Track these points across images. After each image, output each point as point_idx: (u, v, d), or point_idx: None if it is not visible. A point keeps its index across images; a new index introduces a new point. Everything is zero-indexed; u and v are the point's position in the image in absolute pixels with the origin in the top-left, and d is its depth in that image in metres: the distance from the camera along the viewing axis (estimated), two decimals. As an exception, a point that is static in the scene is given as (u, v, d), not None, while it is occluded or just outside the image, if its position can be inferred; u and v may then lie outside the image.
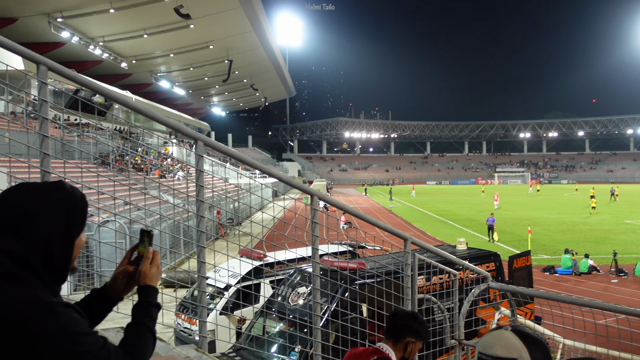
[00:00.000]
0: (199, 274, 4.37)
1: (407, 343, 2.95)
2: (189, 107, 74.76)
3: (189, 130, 4.47)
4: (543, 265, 20.87)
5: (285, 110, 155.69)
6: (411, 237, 5.45)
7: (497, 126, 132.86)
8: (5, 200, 1.45)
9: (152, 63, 51.41)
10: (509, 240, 26.76)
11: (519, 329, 1.63)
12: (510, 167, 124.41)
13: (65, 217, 1.48)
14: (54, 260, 1.46)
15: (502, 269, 11.36)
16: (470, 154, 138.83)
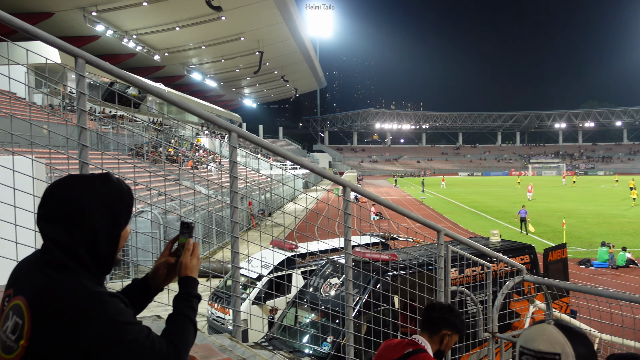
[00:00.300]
0: (233, 264, 4.41)
1: (443, 335, 2.93)
2: (220, 99, 75.38)
3: (222, 122, 4.51)
4: (578, 258, 20.47)
5: (316, 101, 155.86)
6: (444, 229, 5.41)
7: (531, 116, 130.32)
8: (55, 192, 1.48)
9: (184, 55, 51.92)
10: (543, 232, 26.30)
11: (562, 323, 1.59)
12: (544, 158, 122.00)
13: (112, 209, 1.51)
14: (101, 251, 1.49)
15: (537, 261, 11.18)
16: (503, 145, 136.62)
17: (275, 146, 4.99)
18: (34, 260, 1.50)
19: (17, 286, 1.47)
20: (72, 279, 1.41)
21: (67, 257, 1.43)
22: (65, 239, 1.43)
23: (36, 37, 3.44)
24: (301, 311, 8.36)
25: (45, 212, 1.47)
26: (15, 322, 1.38)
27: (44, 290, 1.38)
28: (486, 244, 10.40)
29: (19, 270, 1.54)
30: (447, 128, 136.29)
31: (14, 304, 1.42)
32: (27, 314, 1.36)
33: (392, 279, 6.81)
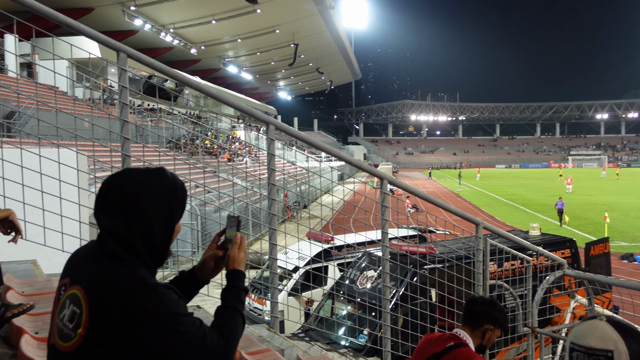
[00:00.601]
0: (270, 256, 4.45)
1: (485, 330, 2.89)
2: (255, 91, 75.88)
3: (260, 114, 4.53)
4: (621, 252, 19.94)
5: (351, 93, 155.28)
6: (483, 222, 5.33)
7: (571, 107, 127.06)
8: (113, 185, 1.51)
9: (220, 48, 52.40)
10: (584, 226, 25.70)
11: (614, 319, 1.54)
12: (585, 150, 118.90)
13: (167, 203, 1.53)
14: (156, 244, 1.52)
15: (578, 255, 10.94)
16: (542, 137, 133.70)
17: (312, 138, 5.00)
18: (90, 250, 1.53)
19: (73, 275, 1.50)
20: (129, 270, 1.44)
21: (124, 249, 1.46)
22: (122, 231, 1.46)
23: (80, 32, 3.51)
24: (337, 303, 8.38)
25: (104, 204, 1.49)
26: (72, 311, 1.41)
27: (102, 281, 1.41)
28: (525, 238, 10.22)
29: (75, 260, 1.57)
30: (484, 120, 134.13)
31: (70, 292, 1.45)
32: (84, 304, 1.39)
33: (429, 272, 6.77)
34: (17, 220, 2.98)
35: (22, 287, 3.59)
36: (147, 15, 38.60)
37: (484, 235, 5.40)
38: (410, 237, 12.06)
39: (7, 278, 3.42)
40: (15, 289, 3.41)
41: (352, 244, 10.88)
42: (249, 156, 35.54)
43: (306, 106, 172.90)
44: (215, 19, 41.06)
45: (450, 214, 5.46)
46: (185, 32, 44.24)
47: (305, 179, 31.67)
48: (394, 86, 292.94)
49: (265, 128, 4.44)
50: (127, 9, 36.01)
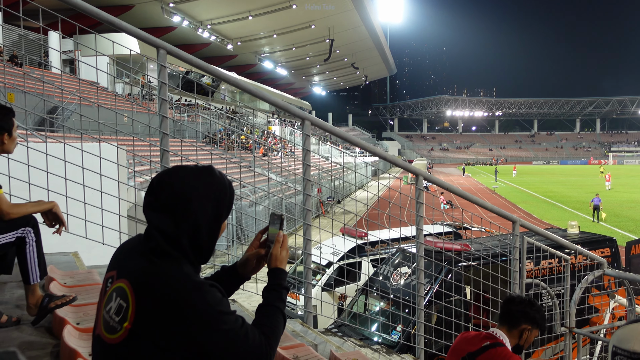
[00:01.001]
0: (304, 251, 4.47)
1: (522, 330, 2.85)
2: (290, 86, 76.16)
3: (296, 110, 4.56)
4: (664, 252, 19.35)
5: (386, 88, 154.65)
6: (520, 219, 5.26)
7: (613, 102, 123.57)
8: (163, 182, 1.53)
9: (256, 44, 52.74)
10: (624, 225, 25.03)
11: None
12: (627, 146, 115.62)
13: (215, 202, 1.55)
14: (202, 242, 1.54)
15: (618, 255, 10.67)
16: (582, 132, 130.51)
17: (347, 133, 5.00)
18: (137, 245, 1.56)
19: (120, 269, 1.53)
20: (175, 267, 1.46)
21: (170, 246, 1.49)
22: (170, 228, 1.49)
23: (121, 30, 3.59)
24: (371, 299, 8.37)
25: (153, 200, 1.52)
26: (119, 304, 1.45)
27: (149, 276, 1.44)
28: (563, 236, 10.02)
29: (121, 253, 1.61)
30: (522, 115, 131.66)
31: (117, 286, 1.48)
32: (131, 298, 1.42)
33: (464, 269, 6.70)
34: (61, 213, 3.08)
35: (65, 278, 3.69)
36: (185, 12, 39.11)
37: (521, 233, 5.32)
38: (445, 233, 11.96)
39: (51, 269, 3.53)
40: (58, 280, 3.51)
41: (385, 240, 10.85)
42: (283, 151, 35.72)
43: (341, 101, 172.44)
44: (252, 15, 41.34)
45: (486, 211, 5.39)
46: (222, 28, 44.68)
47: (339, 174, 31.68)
48: (430, 81, 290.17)
49: (300, 123, 4.46)
50: (165, 5, 36.56)
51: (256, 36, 49.39)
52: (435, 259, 6.47)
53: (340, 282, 10.21)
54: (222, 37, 46.30)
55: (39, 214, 3.04)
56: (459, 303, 5.28)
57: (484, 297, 5.81)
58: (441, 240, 7.44)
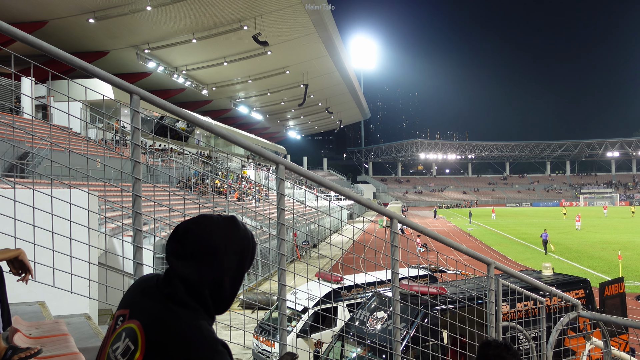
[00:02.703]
0: (279, 297, 4.40)
1: (498, 375, 2.82)
2: (265, 131, 76.60)
3: (270, 154, 4.55)
4: (636, 292, 19.57)
5: (360, 132, 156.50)
6: (494, 262, 5.27)
7: (581, 145, 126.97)
8: (190, 230, 1.50)
9: (231, 89, 53.21)
10: (597, 266, 25.32)
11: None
12: (596, 188, 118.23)
13: (239, 254, 1.54)
14: (223, 293, 1.51)
15: (592, 296, 10.77)
16: (552, 175, 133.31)
17: (321, 177, 5.00)
18: (152, 287, 1.53)
19: (133, 308, 1.50)
20: (191, 318, 1.43)
21: (190, 296, 1.46)
22: (194, 277, 1.46)
23: (94, 75, 3.59)
24: (347, 345, 8.24)
25: (178, 248, 1.49)
26: (127, 346, 1.41)
27: (163, 323, 1.41)
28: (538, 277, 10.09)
29: (136, 292, 1.57)
30: (494, 158, 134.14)
31: (128, 326, 1.45)
32: (141, 341, 1.39)
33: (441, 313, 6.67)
34: (28, 261, 2.99)
35: (30, 329, 3.57)
36: (160, 58, 39.44)
37: (496, 275, 5.33)
38: (421, 277, 11.94)
39: (15, 320, 3.41)
40: (23, 331, 3.38)
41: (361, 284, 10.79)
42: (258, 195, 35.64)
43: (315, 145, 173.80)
44: (227, 61, 41.84)
45: (461, 254, 5.41)
46: (197, 74, 45.06)
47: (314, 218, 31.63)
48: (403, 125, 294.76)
49: (275, 167, 4.46)
50: (141, 52, 36.85)
51: (231, 81, 49.88)
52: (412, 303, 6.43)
53: (316, 328, 10.05)
54: (197, 82, 46.66)
55: (4, 262, 2.95)
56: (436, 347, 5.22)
57: (460, 340, 5.77)
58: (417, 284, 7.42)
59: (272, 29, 36.64)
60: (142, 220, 3.58)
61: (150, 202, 4.55)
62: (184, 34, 35.72)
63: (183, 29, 35.16)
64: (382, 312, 7.80)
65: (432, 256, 22.80)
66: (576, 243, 35.83)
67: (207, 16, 34.27)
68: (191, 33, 35.56)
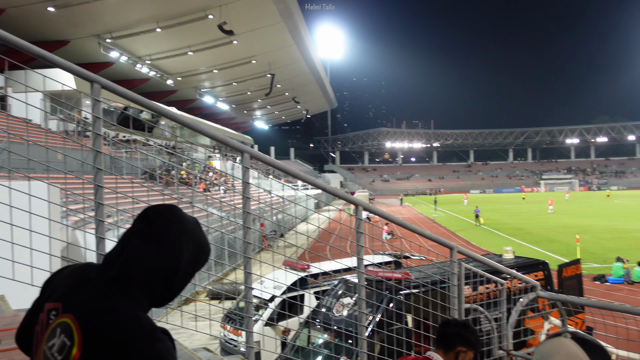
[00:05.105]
0: (246, 285, 4.43)
1: (458, 352, 2.91)
2: (232, 121, 75.98)
3: (235, 143, 4.56)
4: (593, 274, 20.24)
5: (327, 122, 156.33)
6: (457, 246, 5.39)
7: (542, 132, 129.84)
8: (162, 213, 1.51)
9: (196, 79, 52.54)
10: (557, 249, 26.05)
11: (579, 335, 1.58)
12: (557, 174, 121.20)
13: (199, 250, 1.54)
14: (173, 284, 1.49)
15: (550, 277, 11.10)
16: (514, 162, 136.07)
17: (287, 166, 5.03)
18: (89, 275, 1.48)
19: (67, 301, 1.43)
20: (129, 306, 1.39)
21: (137, 281, 1.43)
22: (151, 259, 1.44)
23: (54, 64, 3.53)
24: (314, 331, 8.33)
25: (145, 227, 1.47)
26: (62, 342, 1.35)
27: (99, 314, 1.36)
28: (499, 261, 10.33)
29: (67, 282, 1.51)
30: (458, 146, 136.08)
31: (62, 321, 1.39)
32: (77, 337, 1.33)
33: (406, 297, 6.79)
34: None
35: (-11, 322, 3.53)
36: (123, 48, 38.65)
37: (459, 260, 5.46)
38: (386, 263, 12.10)
39: (-25, 313, 3.37)
40: (-18, 324, 3.35)
41: (328, 271, 10.89)
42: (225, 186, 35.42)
43: (283, 135, 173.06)
44: (192, 51, 41.24)
45: (426, 240, 5.51)
46: (162, 64, 44.33)
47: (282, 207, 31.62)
48: (370, 114, 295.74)
49: (240, 156, 4.47)
50: (103, 41, 36.03)
51: (196, 71, 49.23)
52: (377, 288, 6.54)
53: (284, 316, 10.12)
54: (161, 72, 45.91)
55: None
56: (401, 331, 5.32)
57: (425, 324, 5.90)
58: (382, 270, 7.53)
59: (238, 18, 36.25)
60: (104, 212, 3.55)
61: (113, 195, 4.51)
62: (147, 22, 35.04)
63: (147, 17, 34.50)
64: (349, 298, 7.90)
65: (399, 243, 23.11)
66: (537, 227, 36.78)
67: (172, 5, 33.68)
68: (155, 22, 34.91)
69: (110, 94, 3.88)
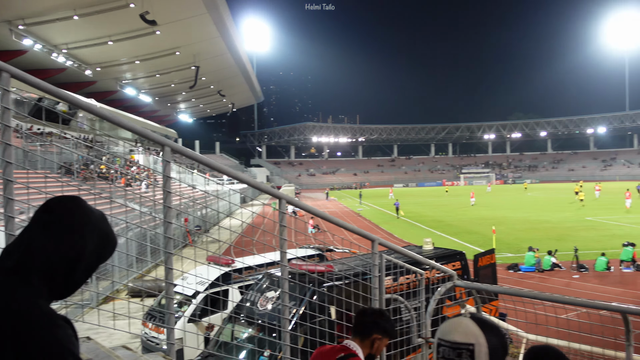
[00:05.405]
0: (166, 281, 4.36)
1: (373, 340, 3.01)
2: (155, 114, 73.92)
3: (155, 136, 4.47)
4: (507, 263, 21.32)
5: (253, 115, 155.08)
6: (378, 238, 5.54)
7: (462, 128, 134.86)
8: (64, 203, 1.48)
9: (117, 70, 50.67)
10: (475, 240, 27.21)
11: (476, 316, 1.72)
12: (475, 168, 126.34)
13: (104, 242, 1.51)
14: (75, 275, 1.46)
15: (467, 267, 11.59)
16: (436, 156, 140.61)
17: (211, 160, 4.98)
18: None
19: None
20: (30, 295, 1.36)
21: (38, 271, 1.40)
22: (53, 249, 1.41)
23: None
24: (238, 326, 8.30)
25: (46, 217, 1.45)
26: None
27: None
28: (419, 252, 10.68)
29: None
30: (383, 141, 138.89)
31: None
32: None
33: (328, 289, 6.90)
34: None
35: None
36: (38, 35, 36.65)
37: (380, 252, 5.61)
38: (311, 256, 12.22)
39: None
40: None
41: (252, 265, 10.87)
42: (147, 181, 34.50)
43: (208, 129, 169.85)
44: (112, 40, 39.66)
45: (350, 233, 5.63)
46: (80, 53, 42.39)
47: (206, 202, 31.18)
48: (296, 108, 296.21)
49: (160, 150, 4.39)
50: (15, 27, 33.98)
51: (117, 62, 47.45)
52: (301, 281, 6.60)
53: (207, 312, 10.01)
54: (79, 62, 43.91)
55: None
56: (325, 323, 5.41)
57: (347, 315, 6.02)
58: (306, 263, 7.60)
59: (161, 8, 35.24)
60: (14, 207, 3.41)
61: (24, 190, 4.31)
62: (64, 9, 33.33)
63: (63, 4, 32.80)
64: (273, 292, 7.93)
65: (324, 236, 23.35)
66: (457, 220, 38.28)
67: (89, -9, 32.30)
68: (72, 9, 33.26)
69: (22, 83, 3.71)
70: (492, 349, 1.62)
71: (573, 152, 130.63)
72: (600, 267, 19.85)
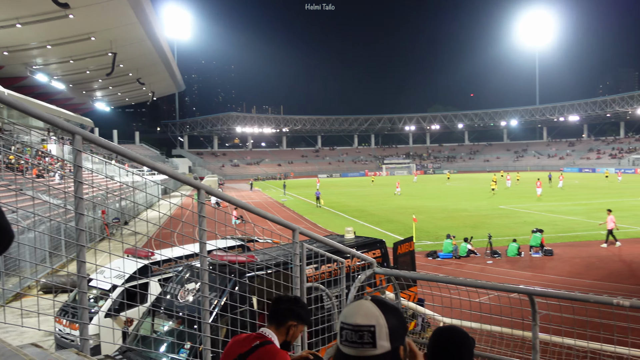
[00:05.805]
0: (79, 275, 4.20)
1: (289, 327, 3.04)
2: (69, 102, 70.49)
3: (65, 124, 4.27)
4: (427, 250, 22.05)
5: (175, 105, 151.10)
6: (299, 228, 5.57)
7: (384, 119, 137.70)
8: None
9: (26, 55, 47.83)
10: (396, 229, 27.96)
11: (377, 298, 1.78)
12: (397, 159, 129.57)
13: None
14: None
15: (387, 255, 11.89)
16: (359, 147, 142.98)
17: (127, 150, 4.81)
18: None
19: None
20: None
21: None
22: None
23: None
24: (158, 319, 8.12)
25: None
26: None
27: None
28: (341, 241, 10.86)
29: None
30: (307, 131, 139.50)
31: None
32: None
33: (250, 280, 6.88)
34: None
35: None
36: None
37: (301, 241, 5.65)
38: (234, 247, 12.13)
39: None
40: None
41: (173, 257, 10.64)
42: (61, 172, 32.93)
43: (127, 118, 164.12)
44: (20, 23, 37.36)
45: (274, 223, 5.63)
46: (-17, 36, 39.75)
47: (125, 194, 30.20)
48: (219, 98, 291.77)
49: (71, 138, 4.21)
50: None
51: (27, 46, 44.78)
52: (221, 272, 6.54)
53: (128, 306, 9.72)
54: (-17, 45, 41.18)
55: None
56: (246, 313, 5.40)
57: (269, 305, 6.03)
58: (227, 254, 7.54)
59: (74, -10, 33.59)
60: None
61: None
62: (-36, -13, 31.15)
63: (-37, -18, 30.65)
64: (193, 283, 7.81)
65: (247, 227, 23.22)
66: (379, 209, 39.16)
67: (-6, -30, 30.25)
68: (-27, -13, 31.15)
69: None
70: (392, 329, 1.69)
71: (488, 143, 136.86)
72: (512, 253, 20.93)
